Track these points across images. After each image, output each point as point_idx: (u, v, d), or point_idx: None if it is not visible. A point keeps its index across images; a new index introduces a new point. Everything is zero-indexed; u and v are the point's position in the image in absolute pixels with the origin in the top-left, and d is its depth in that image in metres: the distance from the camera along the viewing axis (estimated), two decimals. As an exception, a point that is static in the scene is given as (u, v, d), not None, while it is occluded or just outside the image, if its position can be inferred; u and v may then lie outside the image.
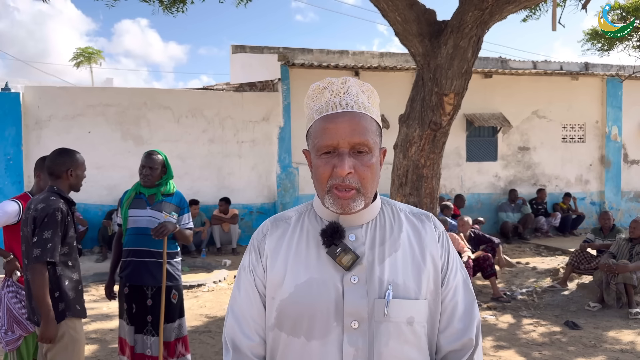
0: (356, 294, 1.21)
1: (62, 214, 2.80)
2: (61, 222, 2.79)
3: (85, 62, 35.59)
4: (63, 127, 9.50)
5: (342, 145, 1.20)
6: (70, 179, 2.94)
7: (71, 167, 2.94)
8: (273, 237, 1.32)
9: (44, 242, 2.71)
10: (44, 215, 2.75)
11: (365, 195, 1.23)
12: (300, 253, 1.28)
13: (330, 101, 1.23)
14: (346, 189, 1.19)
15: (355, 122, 1.21)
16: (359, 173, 1.21)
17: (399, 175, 4.88)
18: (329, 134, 1.20)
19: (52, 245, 2.73)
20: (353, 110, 1.22)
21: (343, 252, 1.22)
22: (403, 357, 1.22)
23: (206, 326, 5.47)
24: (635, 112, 12.57)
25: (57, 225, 2.76)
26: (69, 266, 2.88)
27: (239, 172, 10.38)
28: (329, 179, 1.21)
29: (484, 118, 11.42)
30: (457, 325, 1.29)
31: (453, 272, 1.31)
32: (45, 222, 2.74)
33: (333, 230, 1.24)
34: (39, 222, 2.75)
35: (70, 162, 2.95)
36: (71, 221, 2.91)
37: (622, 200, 12.62)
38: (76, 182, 2.98)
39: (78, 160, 2.98)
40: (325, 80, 1.27)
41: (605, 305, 6.10)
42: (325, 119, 1.23)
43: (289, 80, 10.27)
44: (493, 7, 4.42)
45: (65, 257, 2.85)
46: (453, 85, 4.60)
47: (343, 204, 1.20)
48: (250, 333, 1.29)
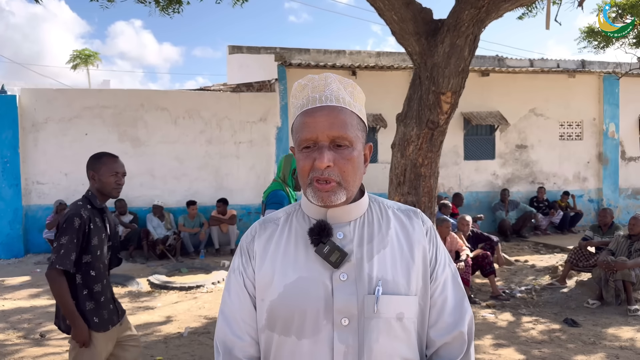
0: (346, 291, 1.22)
1: (81, 220, 2.69)
2: (79, 229, 2.68)
3: (82, 64, 35.54)
4: (60, 130, 9.48)
5: (322, 138, 1.20)
6: (95, 184, 2.85)
7: (92, 171, 2.85)
8: (262, 239, 1.32)
9: (59, 248, 2.64)
10: (64, 220, 2.69)
11: (347, 189, 1.23)
12: (288, 253, 1.28)
13: (311, 97, 1.24)
14: (326, 181, 1.20)
15: (333, 116, 1.21)
16: (339, 166, 1.21)
17: (397, 174, 4.87)
18: (308, 127, 1.21)
19: (65, 252, 2.63)
20: (332, 105, 1.22)
21: (331, 250, 1.22)
22: (393, 353, 1.22)
23: (205, 327, 5.46)
24: (632, 109, 12.59)
25: (73, 232, 2.66)
26: (91, 276, 2.75)
27: (236, 173, 10.37)
28: (309, 172, 1.22)
29: (481, 116, 11.42)
30: (447, 319, 1.29)
31: (441, 267, 1.32)
32: (64, 228, 2.68)
33: (320, 229, 1.24)
34: (60, 226, 2.70)
35: (92, 165, 2.86)
36: (99, 228, 2.80)
37: (620, 197, 12.64)
38: (101, 187, 2.85)
39: (100, 164, 2.85)
40: (307, 77, 1.28)
41: (604, 302, 6.10)
42: (305, 113, 1.24)
43: (286, 80, 10.26)
44: (489, 5, 4.41)
45: (87, 266, 2.74)
46: (450, 83, 4.59)
47: (323, 196, 1.21)
48: (241, 334, 1.28)
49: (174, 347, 4.87)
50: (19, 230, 9.17)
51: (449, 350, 1.28)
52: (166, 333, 5.30)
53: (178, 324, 5.59)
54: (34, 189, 9.41)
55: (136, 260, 8.89)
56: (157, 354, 4.70)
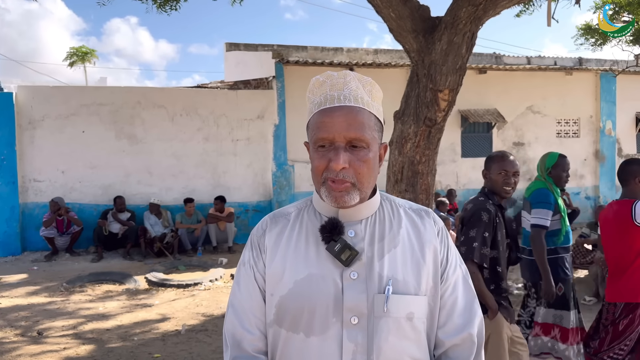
0: (356, 289, 1.21)
1: (489, 215, 2.75)
2: (488, 223, 2.74)
3: (79, 61, 35.37)
4: (57, 127, 9.45)
5: (338, 139, 1.19)
6: (487, 182, 2.92)
7: (485, 169, 2.93)
8: (272, 233, 1.31)
9: (470, 241, 2.70)
10: (470, 214, 2.76)
11: (361, 190, 1.22)
12: (299, 249, 1.27)
13: (329, 95, 1.23)
14: (341, 182, 1.19)
15: (352, 117, 1.20)
16: (355, 168, 1.20)
17: (395, 172, 4.88)
18: (325, 127, 1.20)
19: (477, 245, 2.70)
20: (350, 105, 1.21)
21: (342, 248, 1.22)
22: (402, 353, 1.22)
23: (203, 325, 5.47)
24: (629, 106, 12.62)
25: (482, 226, 2.72)
26: (498, 272, 2.79)
27: (234, 170, 10.36)
28: (324, 171, 1.21)
29: (478, 114, 11.43)
30: (457, 320, 1.28)
31: (452, 268, 1.31)
32: (471, 221, 2.74)
33: (332, 226, 1.23)
34: (467, 220, 2.76)
35: (485, 164, 2.95)
36: (501, 224, 2.83)
37: (617, 194, 12.66)
38: (491, 185, 2.90)
39: (490, 163, 2.94)
40: (325, 73, 1.27)
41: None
42: (322, 112, 1.22)
43: (284, 77, 10.25)
44: (487, 2, 4.41)
45: (494, 261, 2.78)
46: (448, 81, 4.59)
47: (337, 196, 1.20)
48: (251, 327, 1.28)
49: (171, 345, 4.88)
50: (16, 228, 9.14)
51: (458, 352, 1.27)
52: (164, 330, 5.31)
53: (175, 321, 5.60)
54: (30, 186, 9.38)
55: (133, 257, 8.88)
56: (155, 351, 4.70)
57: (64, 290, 6.92)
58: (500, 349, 2.76)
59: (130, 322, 5.58)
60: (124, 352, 4.69)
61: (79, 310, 5.97)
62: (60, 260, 8.70)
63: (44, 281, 7.40)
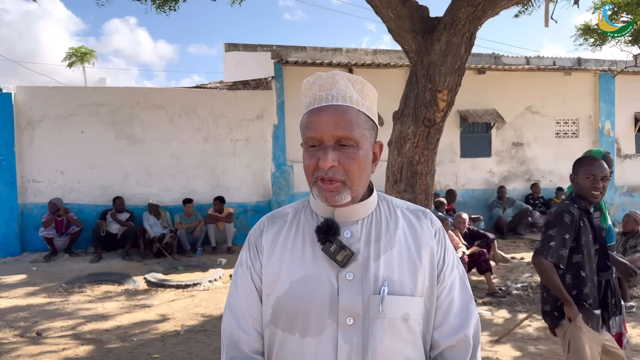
0: (351, 290, 1.21)
1: (571, 217, 2.75)
2: (570, 225, 2.74)
3: (78, 61, 35.34)
4: (56, 127, 9.45)
5: (326, 138, 1.20)
6: (575, 186, 2.91)
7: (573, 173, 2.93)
8: (269, 234, 1.32)
9: (548, 240, 2.74)
10: (554, 215, 2.80)
11: (352, 188, 1.22)
12: (295, 250, 1.27)
13: (317, 95, 1.24)
14: (330, 180, 1.20)
15: (339, 115, 1.20)
16: (344, 165, 1.20)
17: (394, 172, 4.88)
18: (314, 127, 1.21)
19: (555, 245, 2.71)
20: (338, 104, 1.22)
21: (338, 248, 1.22)
22: (398, 354, 1.22)
23: (202, 325, 5.47)
24: (627, 106, 12.62)
25: (563, 227, 2.73)
26: (581, 277, 2.77)
27: (233, 171, 10.35)
28: (314, 171, 1.22)
29: (477, 114, 11.44)
30: (453, 321, 1.28)
31: (449, 269, 1.31)
32: (553, 222, 2.77)
33: (328, 227, 1.24)
34: (549, 221, 2.80)
35: (573, 167, 2.94)
36: (587, 229, 2.81)
37: (616, 194, 12.68)
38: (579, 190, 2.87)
39: (578, 167, 2.90)
40: (315, 74, 1.27)
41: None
42: (311, 112, 1.23)
43: (283, 78, 10.24)
44: (486, 3, 4.42)
45: (577, 266, 2.77)
46: (446, 81, 4.60)
47: (327, 195, 1.21)
48: (247, 328, 1.28)
49: (170, 345, 4.88)
50: (15, 229, 9.13)
51: (453, 354, 1.27)
52: (163, 331, 5.31)
53: (175, 321, 5.59)
54: (29, 187, 9.38)
55: (133, 258, 8.87)
56: (154, 351, 4.70)
57: (63, 290, 6.91)
58: (579, 353, 2.73)
59: (129, 322, 5.58)
60: (123, 353, 4.69)
61: (78, 311, 5.96)
62: (59, 261, 8.70)
63: (43, 282, 7.39)
